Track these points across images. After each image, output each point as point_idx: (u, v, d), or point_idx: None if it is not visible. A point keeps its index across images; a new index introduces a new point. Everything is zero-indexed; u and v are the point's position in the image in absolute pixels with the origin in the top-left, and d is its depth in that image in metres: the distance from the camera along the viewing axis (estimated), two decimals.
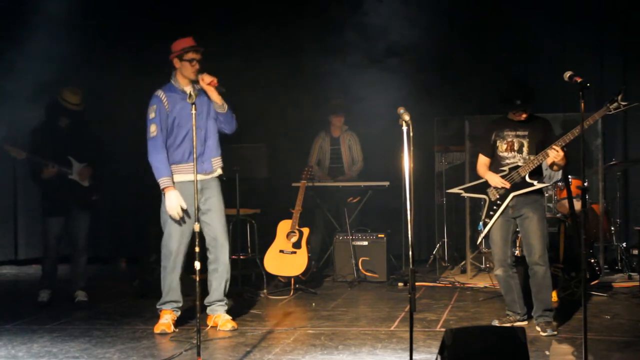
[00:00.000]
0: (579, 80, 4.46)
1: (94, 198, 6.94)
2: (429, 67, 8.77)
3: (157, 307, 5.71)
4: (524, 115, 5.41)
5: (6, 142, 6.65)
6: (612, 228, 7.84)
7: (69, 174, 6.75)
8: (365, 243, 7.85)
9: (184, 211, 5.53)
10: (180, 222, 5.56)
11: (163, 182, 5.53)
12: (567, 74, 4.62)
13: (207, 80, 5.58)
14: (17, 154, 6.59)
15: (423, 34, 8.33)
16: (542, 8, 8.65)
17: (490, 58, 8.82)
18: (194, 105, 4.64)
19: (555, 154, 5.22)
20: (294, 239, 7.38)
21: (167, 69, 5.76)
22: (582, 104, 4.33)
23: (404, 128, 3.96)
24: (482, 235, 5.59)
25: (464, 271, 7.97)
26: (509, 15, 8.64)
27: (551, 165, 5.39)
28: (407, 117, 3.96)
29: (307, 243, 7.41)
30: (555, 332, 5.27)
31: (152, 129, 5.60)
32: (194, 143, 4.67)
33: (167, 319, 5.61)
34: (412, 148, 3.94)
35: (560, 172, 7.35)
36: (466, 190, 5.80)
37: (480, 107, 8.48)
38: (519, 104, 5.34)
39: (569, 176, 6.83)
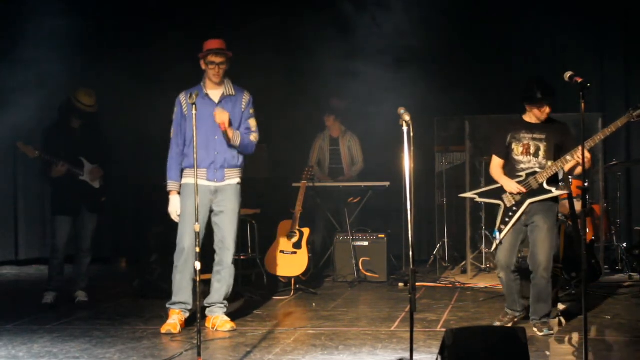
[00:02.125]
0: (579, 80, 4.44)
1: (103, 199, 6.95)
2: (429, 67, 8.78)
3: (167, 306, 5.71)
4: (547, 111, 5.28)
5: (20, 140, 6.67)
6: (613, 228, 7.84)
7: (80, 174, 6.75)
8: (366, 243, 7.85)
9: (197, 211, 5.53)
10: (193, 222, 5.55)
11: (168, 185, 5.71)
12: (568, 74, 4.61)
13: (217, 120, 5.54)
14: (29, 152, 6.59)
15: (423, 34, 8.34)
16: (542, 8, 8.65)
17: (490, 58, 8.82)
18: (194, 106, 4.64)
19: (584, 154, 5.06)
20: (295, 239, 7.38)
21: (164, 67, 5.77)
22: (583, 104, 4.32)
23: (404, 128, 3.95)
24: (497, 242, 5.41)
25: (464, 271, 7.97)
26: (509, 16, 8.64)
27: (572, 170, 5.29)
28: (407, 117, 3.96)
29: (308, 243, 7.41)
30: (552, 332, 5.24)
31: (172, 131, 5.74)
32: (194, 144, 4.66)
33: (174, 319, 5.60)
34: (412, 148, 3.93)
35: (561, 172, 7.35)
36: (481, 195, 5.65)
37: (480, 107, 8.49)
38: (540, 97, 5.23)
39: (570, 176, 6.82)
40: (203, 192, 5.50)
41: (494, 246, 5.52)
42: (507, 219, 5.39)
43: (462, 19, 8.88)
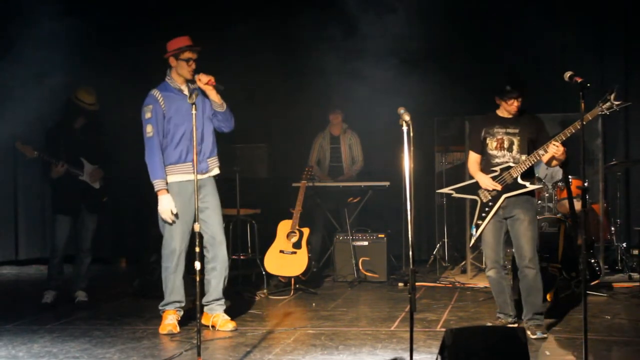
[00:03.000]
0: (579, 80, 4.44)
1: (104, 200, 6.94)
2: (429, 67, 8.77)
3: (160, 307, 5.69)
4: (516, 104, 5.28)
5: (18, 140, 6.65)
6: (613, 228, 7.84)
7: (80, 175, 6.75)
8: (366, 243, 7.85)
9: (184, 211, 5.53)
10: (181, 221, 5.56)
11: (157, 184, 5.58)
12: (567, 74, 4.61)
13: (204, 80, 5.56)
14: (28, 152, 6.59)
15: (423, 33, 8.33)
16: (543, 8, 8.65)
17: (490, 58, 8.81)
18: (194, 106, 4.64)
19: (555, 149, 5.12)
20: (294, 239, 7.37)
21: (162, 67, 5.76)
22: (582, 104, 4.33)
23: (404, 128, 3.95)
24: (475, 237, 5.46)
25: (464, 271, 7.97)
26: (509, 15, 8.63)
27: (549, 162, 5.28)
28: (407, 117, 3.96)
29: (307, 243, 7.41)
30: (545, 335, 5.20)
31: (149, 130, 5.61)
32: (194, 143, 4.67)
33: (172, 319, 5.60)
34: (412, 148, 3.93)
35: (561, 172, 7.35)
36: (457, 190, 5.65)
37: (480, 107, 8.46)
38: (509, 90, 5.24)
39: (569, 176, 6.83)
40: (188, 190, 5.50)
41: (472, 242, 5.59)
42: (483, 214, 5.40)
43: (462, 19, 8.87)
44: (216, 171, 5.78)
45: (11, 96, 7.84)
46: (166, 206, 5.53)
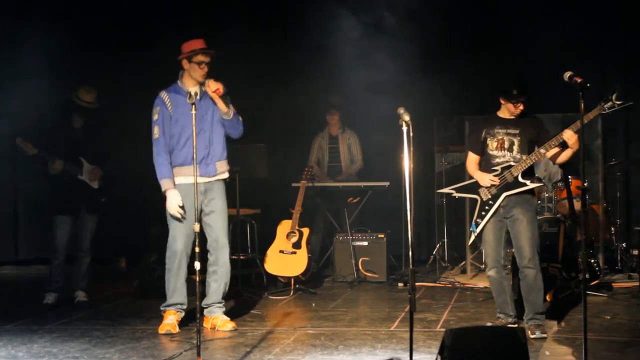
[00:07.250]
0: (579, 80, 4.44)
1: (103, 200, 6.94)
2: (428, 67, 8.78)
3: (161, 308, 5.70)
4: (521, 107, 5.31)
5: (19, 137, 6.64)
6: (612, 228, 7.84)
7: (79, 174, 6.75)
8: (365, 243, 7.85)
9: (187, 212, 5.52)
10: (184, 223, 5.55)
11: (164, 183, 5.58)
12: (567, 74, 4.61)
13: (212, 88, 5.54)
14: (29, 148, 6.57)
15: (423, 33, 8.34)
16: (542, 8, 8.65)
17: (490, 58, 8.81)
18: (193, 105, 4.65)
19: (570, 134, 5.07)
20: (294, 239, 7.37)
21: (171, 68, 5.75)
22: (582, 104, 4.32)
23: (404, 128, 3.96)
24: (475, 235, 5.46)
25: (463, 271, 7.97)
26: (508, 15, 8.64)
27: (554, 156, 5.26)
28: (407, 117, 3.96)
29: (307, 243, 7.41)
30: (545, 335, 5.20)
31: (155, 131, 5.63)
32: (194, 143, 4.66)
33: (171, 320, 5.60)
34: (412, 148, 3.93)
35: (560, 172, 7.36)
36: (457, 190, 5.65)
37: (480, 107, 8.46)
38: (516, 94, 5.25)
39: (569, 176, 6.83)
40: (192, 192, 5.48)
41: (471, 239, 5.60)
42: (483, 213, 5.40)
43: (462, 19, 8.88)
44: (225, 175, 5.75)
45: (12, 96, 7.84)
46: (173, 201, 5.52)
